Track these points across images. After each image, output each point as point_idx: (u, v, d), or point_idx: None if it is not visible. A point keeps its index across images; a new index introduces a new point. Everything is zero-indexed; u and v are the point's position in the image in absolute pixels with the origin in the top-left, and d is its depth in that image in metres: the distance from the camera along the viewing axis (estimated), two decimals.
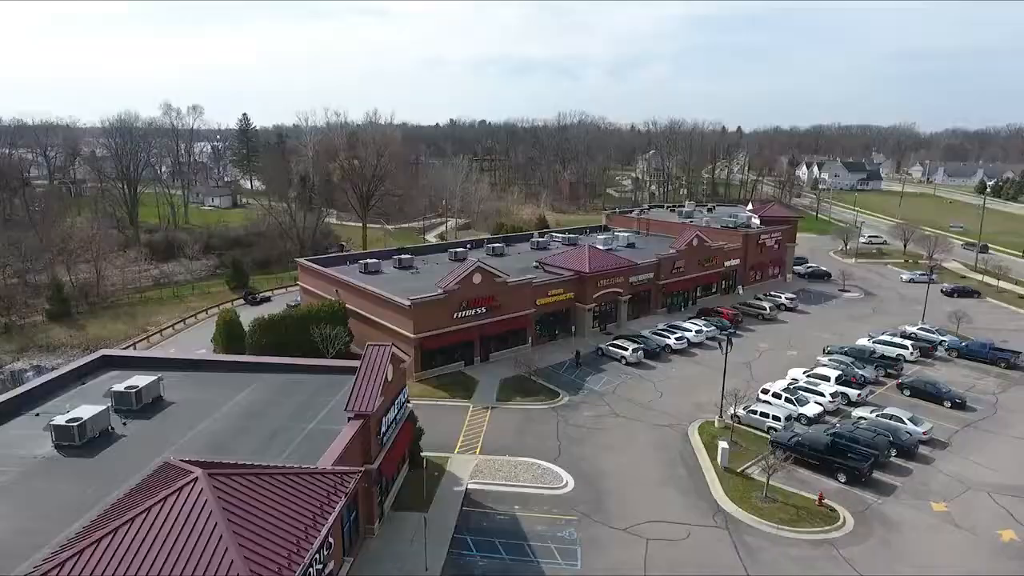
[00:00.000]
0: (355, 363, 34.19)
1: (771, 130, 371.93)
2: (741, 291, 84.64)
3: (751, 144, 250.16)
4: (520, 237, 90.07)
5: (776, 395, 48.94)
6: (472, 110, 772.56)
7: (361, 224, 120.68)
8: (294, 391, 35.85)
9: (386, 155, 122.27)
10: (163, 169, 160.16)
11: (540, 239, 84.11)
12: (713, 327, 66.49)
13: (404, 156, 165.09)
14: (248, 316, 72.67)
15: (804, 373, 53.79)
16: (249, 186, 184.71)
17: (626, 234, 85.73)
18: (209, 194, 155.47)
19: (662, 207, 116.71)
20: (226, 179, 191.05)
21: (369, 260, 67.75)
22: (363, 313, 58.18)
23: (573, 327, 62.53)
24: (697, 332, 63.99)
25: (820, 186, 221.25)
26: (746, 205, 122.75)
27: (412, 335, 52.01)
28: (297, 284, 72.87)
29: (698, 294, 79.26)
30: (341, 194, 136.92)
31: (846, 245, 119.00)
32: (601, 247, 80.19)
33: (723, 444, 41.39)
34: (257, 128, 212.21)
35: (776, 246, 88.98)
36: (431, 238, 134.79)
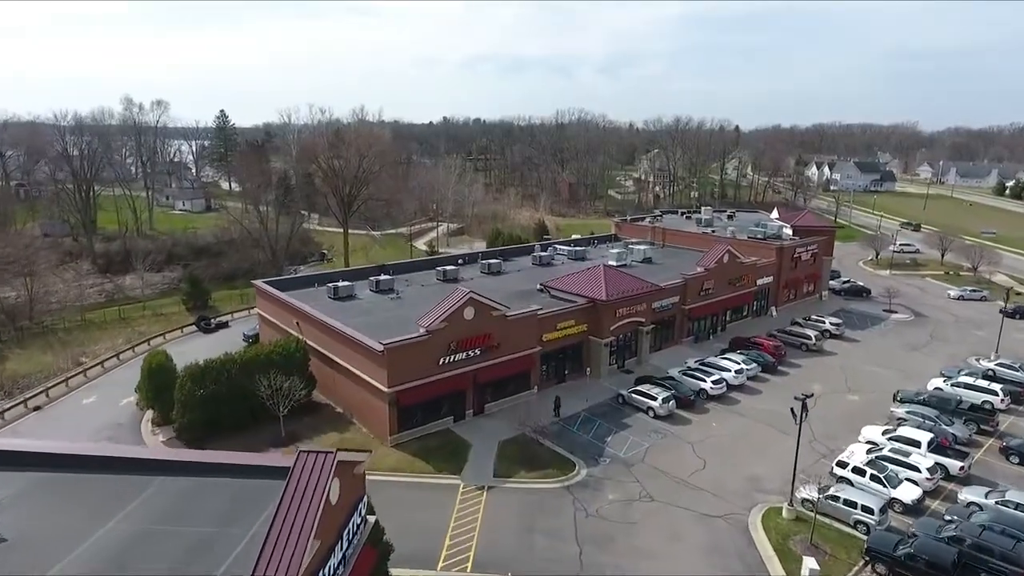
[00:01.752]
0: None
1: (771, 129, 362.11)
2: (774, 313, 73.49)
3: (752, 143, 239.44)
4: (519, 250, 78.62)
5: (858, 470, 37.69)
6: (466, 108, 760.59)
7: (346, 231, 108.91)
8: (196, 511, 24.23)
9: (370, 155, 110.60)
10: (136, 170, 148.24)
11: (543, 252, 72.74)
12: (754, 363, 55.28)
13: (394, 155, 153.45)
14: (197, 348, 61.42)
15: (885, 435, 42.50)
16: (228, 188, 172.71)
17: (642, 247, 74.41)
18: (180, 197, 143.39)
19: (675, 213, 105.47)
20: (203, 180, 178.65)
21: (340, 283, 56.18)
22: (327, 354, 46.68)
23: (588, 369, 51.24)
24: (737, 372, 52.69)
25: (832, 187, 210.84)
26: (762, 210, 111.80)
27: (386, 388, 40.56)
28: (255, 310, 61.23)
29: (727, 318, 68.04)
30: (324, 197, 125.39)
31: (877, 255, 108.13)
32: (615, 263, 68.97)
33: (810, 564, 30.07)
34: (238, 127, 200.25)
35: (812, 260, 77.87)
36: (420, 245, 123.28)
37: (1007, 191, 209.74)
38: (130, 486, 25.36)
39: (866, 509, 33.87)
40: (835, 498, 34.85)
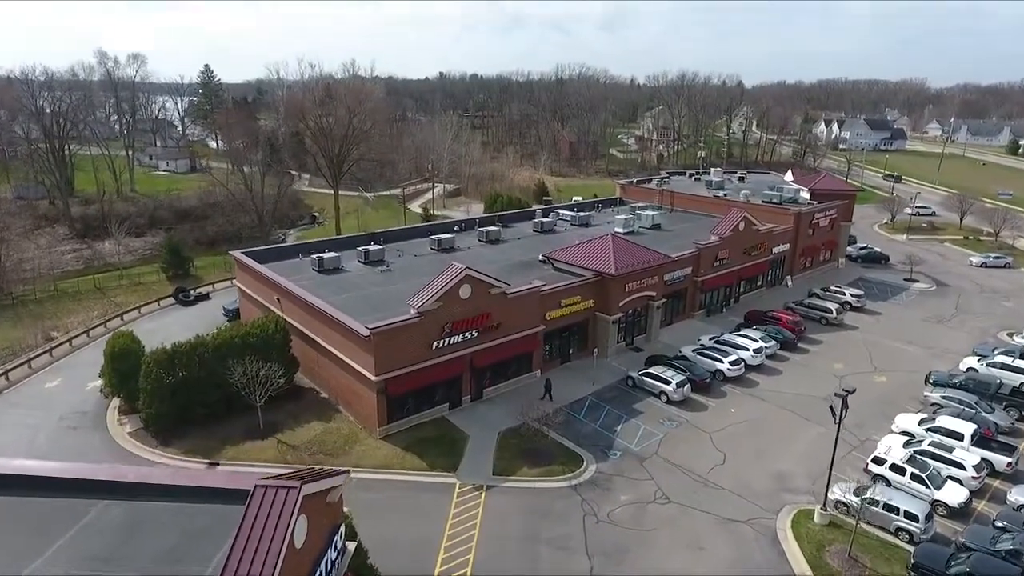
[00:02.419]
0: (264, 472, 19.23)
1: (776, 85, 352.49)
2: (790, 283, 69.30)
3: (757, 99, 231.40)
4: (519, 215, 73.78)
5: (896, 468, 34.03)
6: (462, 64, 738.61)
7: (336, 193, 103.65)
8: (138, 549, 20.32)
9: (361, 112, 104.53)
10: (120, 128, 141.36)
11: (544, 219, 68.00)
12: (772, 340, 51.33)
13: (387, 113, 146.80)
14: (174, 324, 57.28)
15: (922, 425, 38.76)
16: (216, 147, 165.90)
17: (650, 212, 69.68)
18: (164, 157, 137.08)
19: (683, 174, 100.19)
20: (190, 139, 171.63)
21: (326, 255, 51.67)
22: (310, 334, 42.54)
23: (595, 350, 47.23)
24: (755, 352, 48.75)
25: (841, 146, 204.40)
26: (773, 171, 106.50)
27: (373, 376, 36.53)
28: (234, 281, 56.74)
29: (741, 290, 63.85)
30: (314, 158, 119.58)
31: (893, 218, 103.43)
32: (622, 231, 64.35)
33: None
34: (227, 83, 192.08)
35: (830, 226, 73.30)
36: (415, 208, 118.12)
37: (1020, 150, 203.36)
38: (62, 514, 21.29)
39: (910, 516, 30.28)
40: (873, 502, 31.20)
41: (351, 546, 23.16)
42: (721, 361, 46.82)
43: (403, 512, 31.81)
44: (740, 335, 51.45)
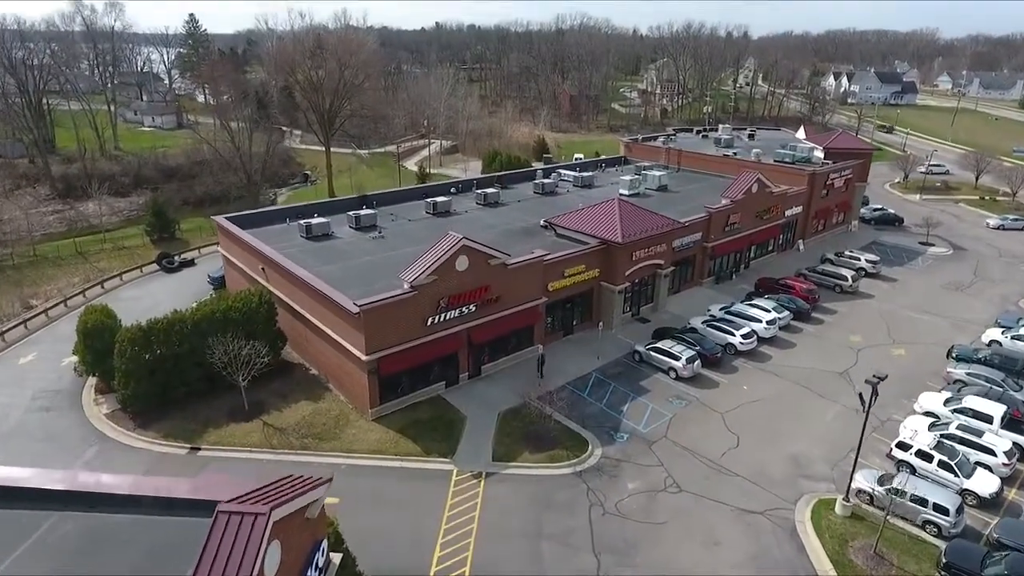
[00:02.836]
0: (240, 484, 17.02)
1: (783, 35, 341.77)
2: (802, 248, 66.44)
3: (763, 51, 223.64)
4: (519, 175, 70.29)
5: (923, 455, 31.92)
6: (459, 14, 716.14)
7: (328, 150, 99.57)
8: (93, 572, 18.16)
9: (353, 65, 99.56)
10: (101, 82, 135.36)
11: (546, 180, 64.61)
12: (785, 311, 48.82)
13: (380, 65, 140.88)
14: (157, 292, 54.60)
15: (947, 405, 36.54)
16: (204, 101, 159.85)
17: (657, 173, 66.22)
18: (148, 112, 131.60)
19: (690, 131, 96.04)
20: (177, 93, 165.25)
21: (314, 220, 48.63)
22: (296, 308, 39.90)
23: (601, 324, 44.66)
24: (768, 324, 46.29)
25: (850, 100, 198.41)
26: (785, 128, 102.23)
27: (364, 356, 34.02)
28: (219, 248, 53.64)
29: (751, 255, 61.03)
30: (305, 113, 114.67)
31: (906, 177, 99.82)
32: (627, 193, 61.20)
33: None
34: (218, 34, 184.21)
35: (844, 186, 69.99)
36: (411, 166, 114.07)
37: None
38: (9, 529, 18.94)
39: (940, 509, 28.25)
40: (899, 492, 29.13)
41: (336, 558, 20.99)
42: (733, 334, 44.39)
43: (397, 503, 29.76)
44: (751, 305, 48.90)
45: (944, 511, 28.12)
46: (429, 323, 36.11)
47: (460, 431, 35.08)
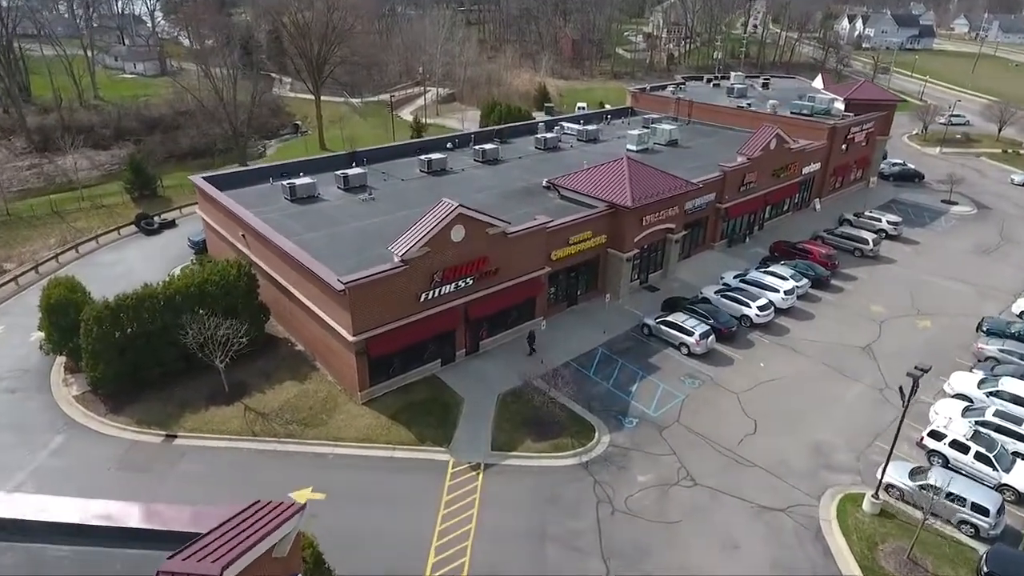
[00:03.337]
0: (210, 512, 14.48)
1: None
2: (818, 207, 62.91)
3: None
4: (519, 128, 66.08)
5: (958, 445, 29.48)
6: None
7: (318, 100, 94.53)
8: None
9: (342, 7, 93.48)
10: (82, 25, 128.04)
11: (548, 134, 60.54)
12: (804, 278, 45.81)
13: (371, 7, 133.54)
14: (135, 258, 51.38)
15: (982, 388, 33.90)
16: (190, 45, 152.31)
17: (666, 127, 62.05)
18: (130, 58, 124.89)
19: (700, 79, 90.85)
20: (161, 37, 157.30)
21: (299, 180, 45.08)
22: (279, 280, 36.84)
23: (608, 296, 41.61)
24: (787, 293, 43.35)
25: (865, 45, 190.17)
26: (799, 76, 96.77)
27: (351, 336, 31.17)
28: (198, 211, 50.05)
29: (766, 216, 57.58)
30: (293, 60, 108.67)
31: (925, 129, 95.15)
32: (635, 149, 57.36)
33: None
34: None
35: (865, 141, 65.92)
36: (405, 116, 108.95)
37: None
38: None
39: (979, 509, 25.95)
40: (930, 487, 26.80)
41: None
42: (748, 305, 41.52)
43: (388, 499, 27.44)
44: (768, 272, 45.85)
45: (984, 511, 25.83)
46: (422, 299, 33.13)
47: (457, 416, 32.56)
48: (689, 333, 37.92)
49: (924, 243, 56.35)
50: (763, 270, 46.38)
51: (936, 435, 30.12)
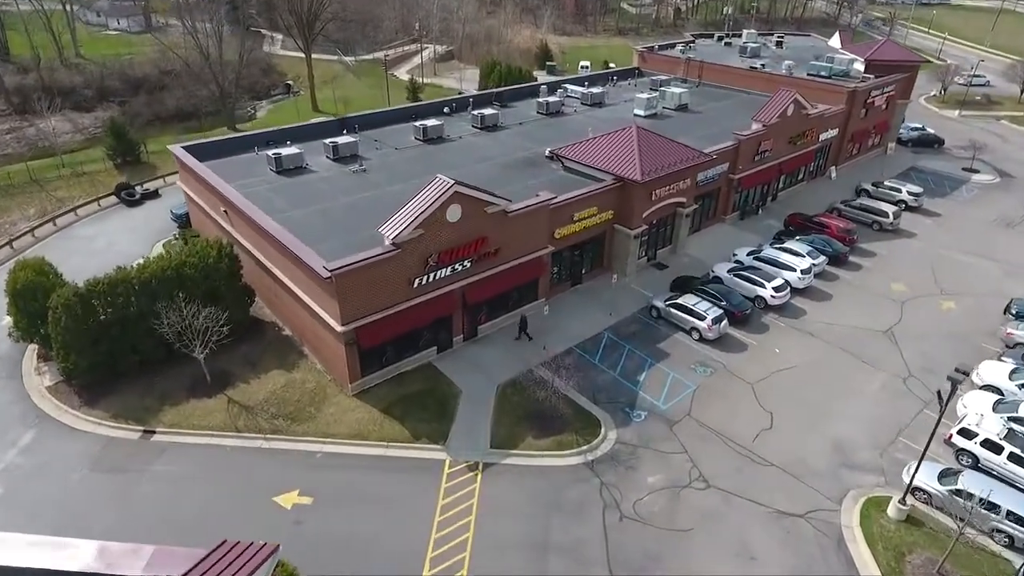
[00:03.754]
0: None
1: None
2: (834, 175, 59.90)
3: None
4: (520, 91, 62.57)
5: (991, 445, 27.54)
6: None
7: (309, 58, 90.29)
8: None
9: None
10: None
11: (551, 98, 57.17)
12: (821, 256, 43.36)
13: None
14: (116, 231, 48.78)
15: (1014, 380, 31.77)
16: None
17: (676, 90, 58.58)
18: (113, 13, 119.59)
19: (710, 37, 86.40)
20: None
21: (285, 150, 42.25)
22: (264, 261, 34.44)
23: (614, 276, 39.16)
24: (804, 272, 40.95)
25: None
26: (813, 34, 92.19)
27: (339, 326, 28.94)
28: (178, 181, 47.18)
29: (780, 186, 54.69)
30: (282, 16, 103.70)
31: (944, 91, 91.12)
32: (643, 114, 54.22)
33: None
34: None
35: (885, 105, 62.50)
36: (402, 75, 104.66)
37: None
38: None
39: (1015, 518, 24.14)
40: (961, 492, 24.98)
41: None
42: (763, 286, 39.15)
43: (380, 503, 25.63)
44: (783, 248, 43.39)
45: (1020, 521, 24.02)
46: (416, 284, 30.77)
47: (453, 408, 30.57)
48: (701, 317, 35.67)
49: (945, 215, 53.63)
50: (778, 246, 43.89)
51: (967, 433, 28.16)
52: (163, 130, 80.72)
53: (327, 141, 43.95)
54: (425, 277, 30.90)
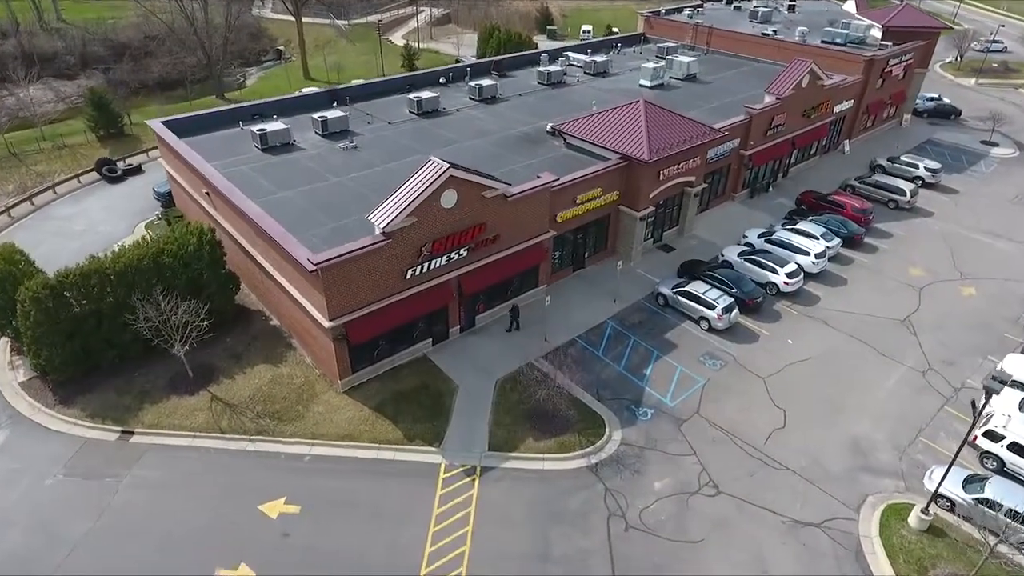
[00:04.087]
0: None
1: None
2: (847, 149, 57.40)
3: None
4: (520, 59, 59.59)
5: (1018, 448, 25.99)
6: None
7: (299, 22, 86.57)
8: None
9: None
10: None
11: (552, 67, 54.32)
12: (836, 238, 41.32)
13: None
14: (95, 211, 46.57)
15: None
16: None
17: (684, 59, 55.67)
18: None
19: (719, 0, 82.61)
20: None
21: (271, 125, 39.87)
22: (248, 249, 32.45)
23: (620, 263, 37.14)
24: (818, 257, 38.97)
25: None
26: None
27: (327, 322, 27.11)
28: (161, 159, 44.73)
29: (791, 161, 52.30)
30: None
31: (960, 57, 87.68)
32: (649, 84, 51.65)
33: None
34: None
35: (903, 74, 59.63)
36: (396, 40, 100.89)
37: None
38: None
39: None
40: (987, 502, 23.53)
41: None
42: (776, 271, 37.23)
43: (370, 512, 24.17)
44: (795, 230, 41.34)
45: None
46: (408, 276, 28.84)
47: (450, 406, 28.96)
48: (711, 307, 33.84)
49: (964, 191, 51.40)
50: (790, 227, 41.83)
51: (992, 435, 26.59)
52: (148, 99, 77.71)
53: (316, 116, 41.50)
54: (419, 267, 28.96)
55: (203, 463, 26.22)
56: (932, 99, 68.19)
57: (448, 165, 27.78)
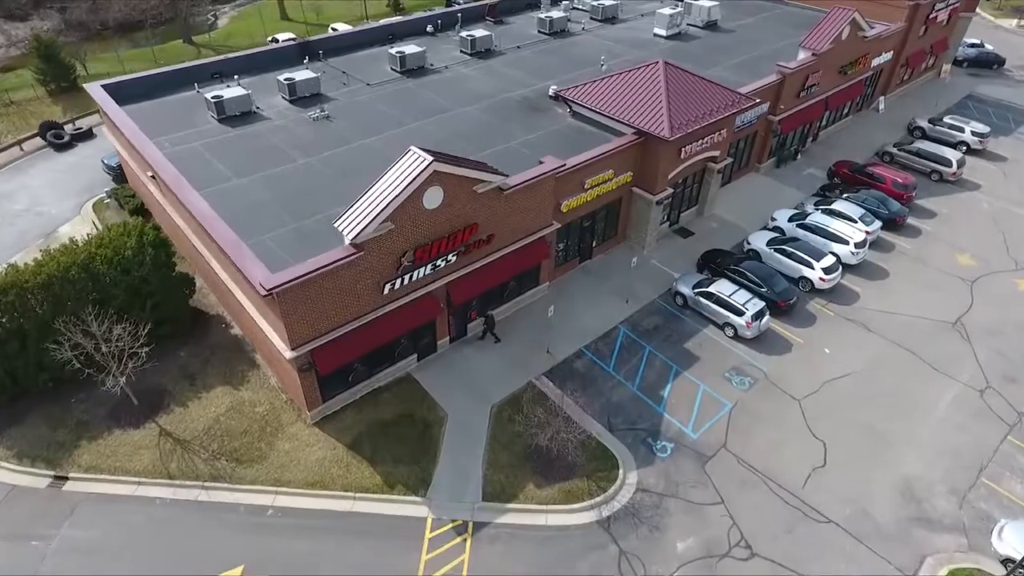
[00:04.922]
0: None
1: None
2: (882, 107, 51.51)
3: None
4: (518, 3, 52.68)
5: None
6: None
7: None
8: None
9: None
10: None
11: (555, 13, 47.81)
12: (876, 220, 36.44)
13: None
14: (39, 187, 41.12)
15: None
16: None
17: (705, 3, 49.00)
18: None
19: None
20: None
21: (230, 91, 34.19)
22: (198, 247, 27.61)
23: (633, 260, 32.29)
24: (857, 246, 34.18)
25: None
26: None
27: (288, 351, 22.63)
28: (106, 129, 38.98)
29: (822, 124, 46.66)
30: None
31: None
32: (664, 33, 45.57)
33: None
34: None
35: (947, 20, 53.11)
36: None
37: None
38: None
39: None
40: None
41: None
42: (811, 266, 32.59)
43: None
44: (830, 211, 36.44)
45: None
46: (387, 291, 24.21)
47: (437, 441, 24.91)
48: (739, 312, 29.37)
49: (1012, 159, 46.11)
50: (824, 208, 36.89)
51: None
52: (110, 44, 70.48)
53: (282, 78, 35.69)
54: (398, 280, 24.29)
55: (147, 518, 22.33)
56: (973, 46, 61.60)
57: (431, 158, 22.65)
